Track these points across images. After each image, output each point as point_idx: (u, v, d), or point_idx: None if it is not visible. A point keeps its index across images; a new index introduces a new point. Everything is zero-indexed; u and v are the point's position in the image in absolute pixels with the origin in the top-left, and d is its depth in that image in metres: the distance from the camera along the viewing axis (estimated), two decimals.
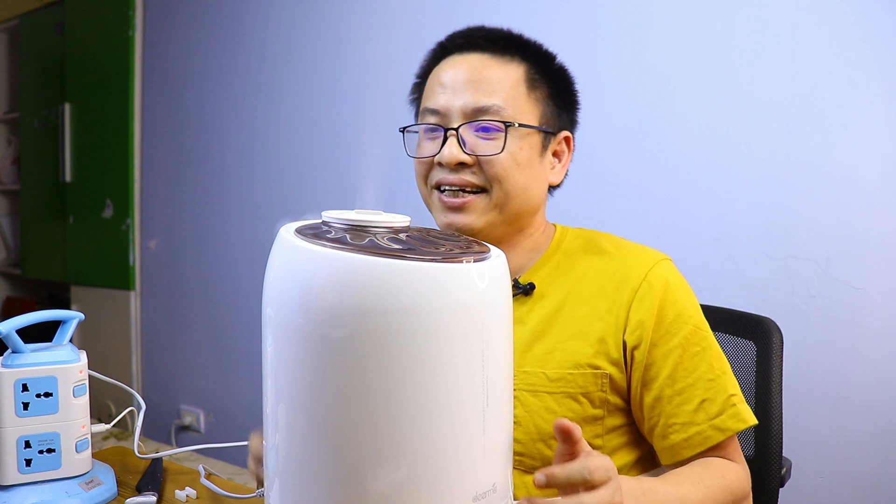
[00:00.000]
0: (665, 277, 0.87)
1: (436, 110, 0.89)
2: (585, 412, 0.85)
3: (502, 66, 0.88)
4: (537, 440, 0.85)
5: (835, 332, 1.50)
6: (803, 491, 1.50)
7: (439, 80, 0.90)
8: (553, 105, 0.91)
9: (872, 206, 1.46)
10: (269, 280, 0.56)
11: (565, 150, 0.94)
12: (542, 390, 0.85)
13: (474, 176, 0.87)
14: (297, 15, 2.45)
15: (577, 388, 0.85)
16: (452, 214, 0.88)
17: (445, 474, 0.53)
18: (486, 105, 0.86)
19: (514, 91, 0.88)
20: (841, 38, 1.49)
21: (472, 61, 0.89)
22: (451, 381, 0.53)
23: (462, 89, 0.87)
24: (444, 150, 0.87)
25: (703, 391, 0.83)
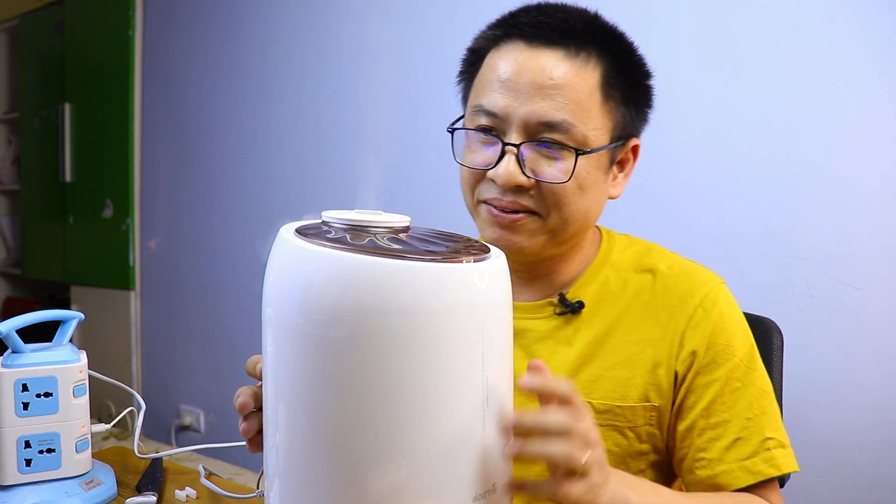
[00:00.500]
0: (720, 304, 0.80)
1: (492, 112, 0.76)
2: (632, 447, 0.79)
3: (577, 68, 0.75)
4: None
5: (835, 332, 1.50)
6: (805, 492, 1.50)
7: (499, 74, 0.76)
8: (627, 110, 0.80)
9: (872, 206, 1.46)
10: (269, 280, 0.56)
11: (630, 157, 0.84)
12: None
13: (531, 200, 0.76)
14: (297, 15, 2.45)
15: (625, 421, 0.79)
16: (502, 231, 0.78)
17: (445, 474, 0.53)
18: (555, 120, 0.74)
19: (587, 102, 0.75)
20: (841, 39, 1.49)
21: (543, 60, 0.75)
22: (451, 381, 0.53)
23: (526, 94, 0.74)
24: (500, 168, 0.75)
25: (738, 429, 0.76)
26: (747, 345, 0.80)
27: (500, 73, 0.76)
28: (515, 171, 0.75)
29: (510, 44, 0.78)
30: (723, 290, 0.82)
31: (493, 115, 0.76)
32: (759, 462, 0.76)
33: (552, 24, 0.77)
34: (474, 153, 0.79)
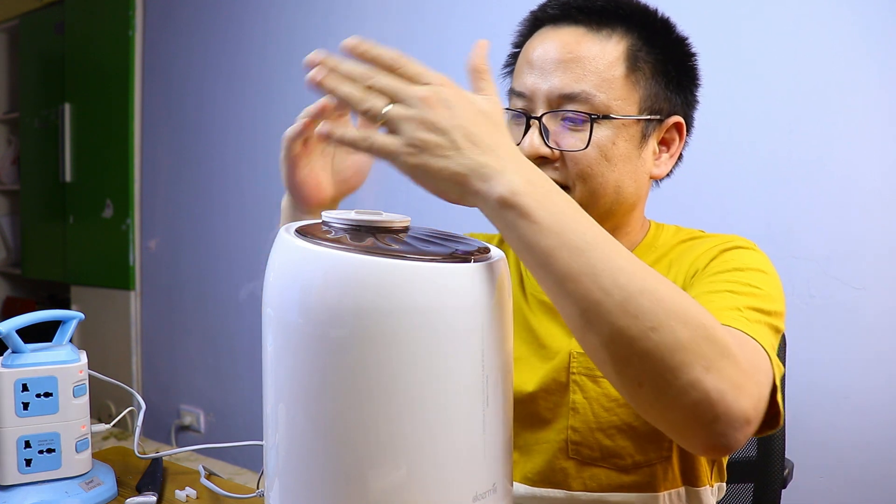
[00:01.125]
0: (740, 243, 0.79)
1: (521, 93, 0.79)
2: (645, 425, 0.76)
3: (600, 42, 0.77)
4: (595, 430, 0.77)
5: (835, 332, 1.50)
6: (805, 492, 1.50)
7: (527, 57, 0.80)
8: (661, 86, 0.80)
9: (873, 207, 1.46)
10: (269, 280, 0.55)
11: (675, 137, 0.84)
12: (601, 375, 0.76)
13: (556, 172, 0.77)
14: (296, 15, 2.45)
15: None
16: None
17: (445, 474, 0.53)
18: (574, 92, 0.75)
19: (609, 73, 0.76)
20: (843, 39, 1.49)
21: (565, 36, 0.78)
22: (452, 382, 0.53)
23: (550, 70, 0.77)
24: (524, 142, 0.77)
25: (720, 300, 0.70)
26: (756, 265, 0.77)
27: (529, 56, 0.80)
28: (538, 143, 0.76)
29: (538, 31, 0.82)
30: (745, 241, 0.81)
31: (522, 96, 0.79)
32: (728, 311, 0.68)
33: (573, 4, 0.79)
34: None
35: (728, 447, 0.55)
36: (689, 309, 0.54)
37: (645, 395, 0.54)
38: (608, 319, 0.52)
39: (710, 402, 0.52)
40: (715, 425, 0.53)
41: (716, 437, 0.54)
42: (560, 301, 0.55)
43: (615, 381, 0.56)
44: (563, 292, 0.54)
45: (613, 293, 0.52)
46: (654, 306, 0.52)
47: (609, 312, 0.52)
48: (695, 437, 0.55)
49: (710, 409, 0.52)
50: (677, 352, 0.52)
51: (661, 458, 0.77)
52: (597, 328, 0.53)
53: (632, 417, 0.76)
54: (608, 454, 0.77)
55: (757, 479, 0.99)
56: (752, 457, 1.00)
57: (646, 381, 0.53)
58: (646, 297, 0.53)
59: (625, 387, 0.55)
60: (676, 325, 0.52)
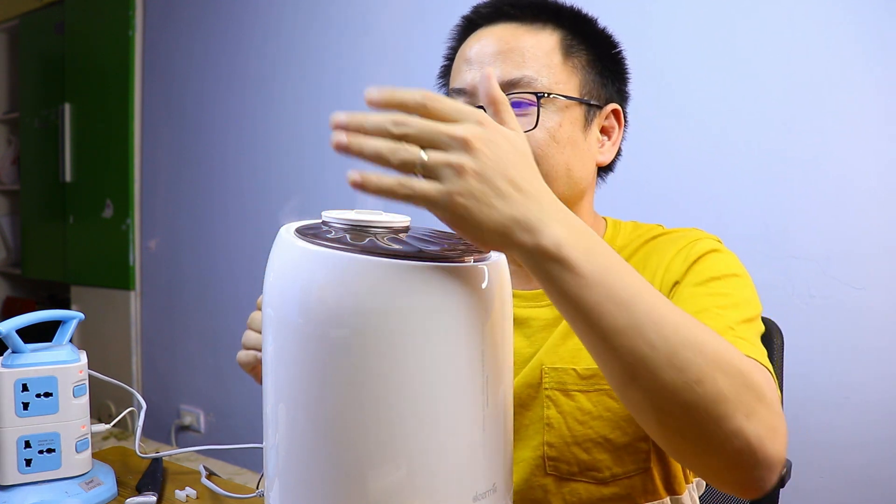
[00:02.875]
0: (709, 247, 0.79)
1: (462, 90, 0.80)
2: (623, 410, 0.76)
3: (534, 34, 0.80)
4: (572, 444, 0.77)
5: (835, 332, 1.50)
6: (804, 492, 1.50)
7: (465, 56, 0.81)
8: (596, 74, 0.82)
9: (872, 206, 1.46)
10: (269, 280, 0.56)
11: (615, 125, 0.85)
12: (574, 389, 0.77)
13: None
14: (296, 15, 2.45)
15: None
16: None
17: (445, 474, 0.53)
18: (517, 77, 0.77)
19: (547, 59, 0.79)
20: (838, 38, 1.49)
21: (500, 32, 0.80)
22: (452, 382, 0.53)
23: (489, 63, 0.79)
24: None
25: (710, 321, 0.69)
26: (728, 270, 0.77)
27: (466, 54, 0.82)
28: None
29: (474, 32, 0.84)
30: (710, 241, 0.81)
31: (463, 93, 0.80)
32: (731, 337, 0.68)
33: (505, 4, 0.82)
34: None
35: (765, 489, 0.56)
36: (726, 355, 0.54)
37: (688, 445, 0.55)
38: (654, 374, 0.52)
39: (751, 449, 0.53)
40: (755, 470, 0.54)
41: (755, 481, 0.55)
42: (604, 356, 0.54)
43: (656, 431, 0.56)
44: (608, 347, 0.53)
45: (659, 347, 0.52)
46: (698, 358, 0.52)
47: (655, 367, 0.52)
48: (734, 482, 0.56)
49: (752, 455, 0.53)
50: (721, 403, 0.52)
51: (639, 469, 0.77)
52: (642, 382, 0.53)
53: (607, 430, 0.76)
54: (586, 468, 0.77)
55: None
56: None
57: (689, 432, 0.53)
58: (689, 349, 0.52)
59: (666, 437, 0.56)
60: (718, 376, 0.52)
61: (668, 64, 1.70)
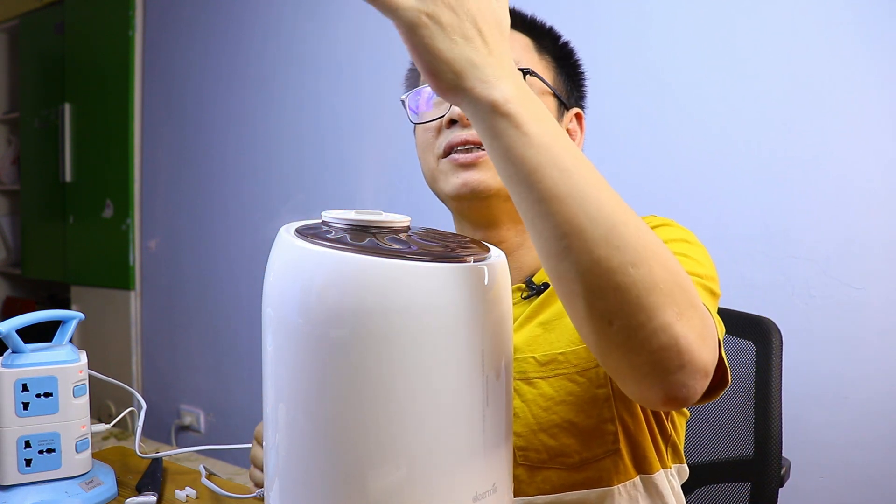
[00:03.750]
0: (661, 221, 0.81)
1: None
2: (586, 393, 0.76)
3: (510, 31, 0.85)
4: (538, 431, 0.77)
5: (835, 332, 1.50)
6: (803, 491, 1.50)
7: None
8: (563, 76, 0.86)
9: (872, 206, 1.47)
10: (269, 280, 0.56)
11: (577, 129, 0.88)
12: (535, 376, 0.77)
13: None
14: (296, 14, 2.45)
15: (570, 367, 0.76)
16: (465, 172, 0.79)
17: (445, 474, 0.53)
18: None
19: (524, 52, 0.82)
20: (840, 38, 1.49)
21: None
22: (452, 381, 0.53)
23: None
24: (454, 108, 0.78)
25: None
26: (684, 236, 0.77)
27: None
28: None
29: None
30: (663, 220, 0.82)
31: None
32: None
33: None
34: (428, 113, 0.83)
35: (686, 399, 0.54)
36: (665, 251, 0.53)
37: (614, 335, 0.52)
38: (589, 247, 0.50)
39: (678, 348, 0.51)
40: (679, 374, 0.52)
41: (677, 386, 0.52)
42: (539, 223, 0.52)
43: (583, 317, 0.53)
44: (544, 213, 0.51)
45: (598, 220, 0.50)
46: (636, 242, 0.51)
47: (592, 240, 0.50)
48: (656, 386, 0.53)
49: (678, 356, 0.51)
50: (653, 292, 0.50)
51: (607, 451, 0.77)
52: (576, 255, 0.51)
53: (572, 414, 0.76)
54: (555, 454, 0.77)
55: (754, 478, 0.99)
56: (749, 456, 1.00)
57: (616, 319, 0.51)
58: (630, 230, 0.51)
59: (593, 324, 0.52)
60: (654, 265, 0.51)
61: (668, 64, 1.70)
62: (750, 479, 1.00)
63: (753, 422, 1.01)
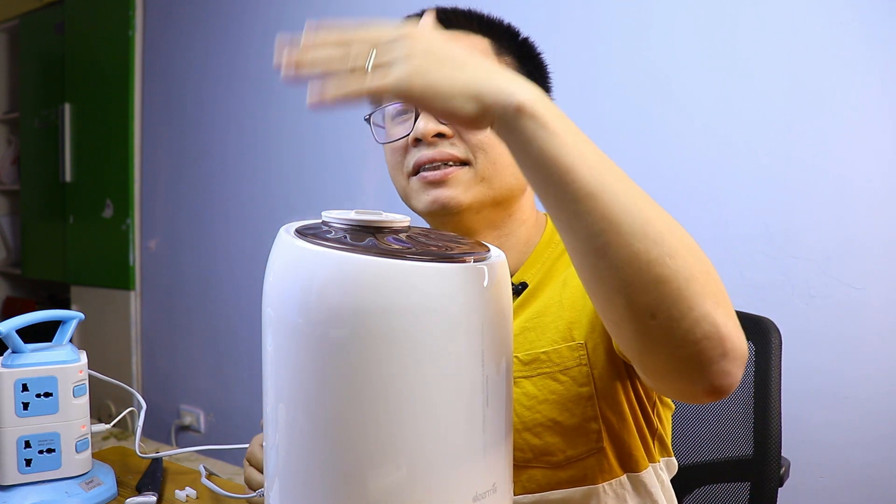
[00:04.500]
0: None
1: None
2: (569, 391, 0.76)
3: (466, 37, 0.82)
4: (522, 430, 0.77)
5: (835, 332, 1.50)
6: (802, 491, 1.50)
7: None
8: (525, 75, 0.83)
9: (872, 207, 1.47)
10: (269, 280, 0.56)
11: None
12: (518, 376, 0.77)
13: (455, 147, 0.78)
14: (296, 14, 2.45)
15: (552, 366, 0.77)
16: (435, 190, 0.78)
17: (445, 474, 0.53)
18: None
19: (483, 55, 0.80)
20: (840, 39, 1.49)
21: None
22: (452, 382, 0.53)
23: None
24: (419, 124, 0.78)
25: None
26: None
27: None
28: (433, 122, 0.78)
29: None
30: None
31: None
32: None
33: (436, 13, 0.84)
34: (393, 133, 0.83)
35: (730, 387, 0.54)
36: (692, 241, 0.53)
37: (656, 329, 0.51)
38: (627, 241, 0.50)
39: (719, 336, 0.51)
40: (722, 362, 0.52)
41: (721, 375, 0.52)
42: (575, 222, 0.52)
43: (624, 314, 0.52)
44: (581, 211, 0.51)
45: (634, 214, 0.51)
46: (670, 233, 0.51)
47: (628, 234, 0.50)
48: (700, 378, 0.53)
49: (720, 343, 0.51)
50: (692, 282, 0.50)
51: (592, 450, 0.77)
52: (614, 250, 0.51)
53: (555, 413, 0.76)
54: (540, 453, 0.77)
55: (753, 477, 0.99)
56: (748, 455, 1.00)
57: (659, 311, 0.51)
58: (662, 223, 0.51)
59: (636, 320, 0.52)
60: (688, 255, 0.51)
61: (668, 63, 1.70)
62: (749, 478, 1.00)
63: (753, 421, 1.01)
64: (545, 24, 1.79)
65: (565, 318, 0.78)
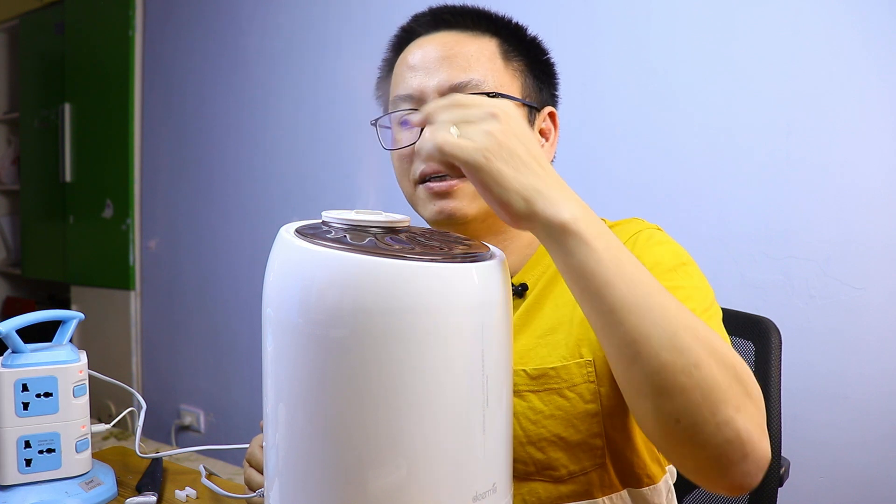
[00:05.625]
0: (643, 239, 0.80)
1: (409, 95, 0.82)
2: (576, 408, 0.76)
3: (474, 39, 0.83)
4: (526, 444, 0.77)
5: (835, 332, 1.50)
6: (802, 491, 1.50)
7: (407, 63, 0.83)
8: (532, 78, 0.86)
9: (872, 207, 1.47)
10: (269, 280, 0.56)
11: (552, 127, 0.88)
12: (525, 389, 0.77)
13: None
14: (296, 14, 2.45)
15: (561, 382, 0.77)
16: (441, 201, 0.80)
17: (445, 474, 0.53)
18: (464, 81, 0.80)
19: (490, 64, 0.82)
20: (841, 39, 1.49)
21: (441, 38, 0.83)
22: (452, 381, 0.53)
23: (435, 68, 0.81)
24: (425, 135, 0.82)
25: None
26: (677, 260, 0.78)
27: (408, 63, 0.83)
28: None
29: (413, 41, 0.86)
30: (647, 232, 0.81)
31: (410, 98, 0.82)
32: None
33: (444, 12, 0.86)
34: (400, 140, 0.84)
35: (751, 486, 0.57)
36: (716, 343, 0.56)
37: (680, 433, 0.56)
38: (656, 352, 0.54)
39: (740, 441, 0.55)
40: (743, 464, 0.55)
41: (742, 476, 0.56)
42: (609, 331, 0.56)
43: (651, 417, 0.57)
44: (615, 322, 0.56)
45: (662, 327, 0.55)
46: (696, 343, 0.55)
47: (658, 345, 0.54)
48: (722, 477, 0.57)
49: (740, 447, 0.55)
50: (715, 390, 0.54)
51: (595, 465, 0.77)
52: (644, 360, 0.55)
53: (560, 428, 0.77)
54: (542, 467, 0.77)
55: None
56: None
57: (683, 417, 0.55)
58: (688, 332, 0.55)
59: (661, 423, 0.56)
60: (713, 363, 0.55)
61: (668, 64, 1.70)
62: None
63: None
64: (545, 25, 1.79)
65: (575, 335, 0.78)
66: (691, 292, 0.74)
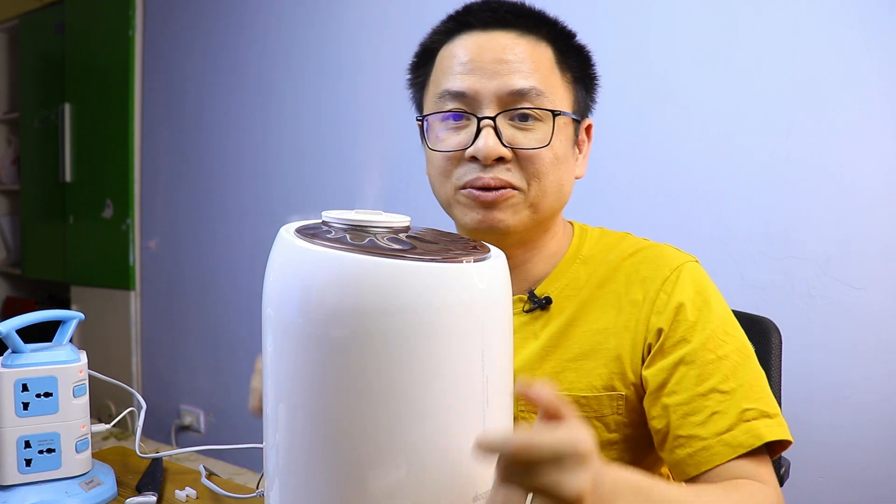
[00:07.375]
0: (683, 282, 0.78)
1: (461, 93, 0.77)
2: (600, 437, 0.78)
3: (533, 45, 0.78)
4: None
5: (835, 332, 1.50)
6: (802, 491, 1.50)
7: (459, 59, 0.78)
8: (581, 90, 0.83)
9: (872, 207, 1.47)
10: (269, 280, 0.56)
11: (586, 139, 0.86)
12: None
13: (510, 174, 0.76)
14: (296, 14, 2.45)
15: (591, 412, 0.77)
16: (486, 211, 0.77)
17: (445, 474, 0.53)
18: (526, 87, 0.75)
19: (550, 74, 0.78)
20: (841, 39, 1.49)
21: (500, 39, 0.78)
22: (452, 381, 0.53)
23: (492, 70, 0.76)
24: (480, 143, 0.75)
25: (714, 404, 0.72)
26: (719, 317, 0.77)
27: (460, 58, 0.78)
28: (496, 144, 0.75)
29: (464, 34, 0.80)
30: (688, 268, 0.80)
31: (461, 96, 0.77)
32: (738, 434, 0.70)
33: (503, 9, 0.80)
34: (446, 139, 0.79)
35: None
36: None
37: None
38: None
39: None
40: None
41: None
42: None
43: None
44: None
45: None
46: None
47: None
48: None
49: None
50: None
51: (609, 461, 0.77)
52: None
53: None
54: None
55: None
56: None
57: None
58: None
59: None
60: None
61: (669, 64, 1.70)
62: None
63: None
64: None
65: (610, 368, 0.78)
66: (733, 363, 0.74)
